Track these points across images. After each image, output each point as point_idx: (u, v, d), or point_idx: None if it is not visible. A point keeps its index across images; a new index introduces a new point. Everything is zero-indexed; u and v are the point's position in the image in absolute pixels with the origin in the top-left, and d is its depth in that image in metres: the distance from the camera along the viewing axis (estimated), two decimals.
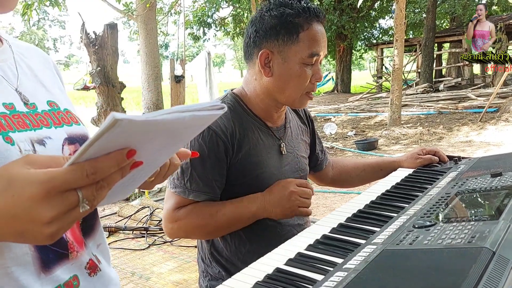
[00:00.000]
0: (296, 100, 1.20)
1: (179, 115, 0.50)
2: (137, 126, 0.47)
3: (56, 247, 0.71)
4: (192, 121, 0.54)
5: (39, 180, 0.47)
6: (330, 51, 20.34)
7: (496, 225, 0.77)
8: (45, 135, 0.73)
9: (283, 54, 1.15)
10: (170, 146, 0.60)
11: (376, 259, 0.75)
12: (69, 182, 0.48)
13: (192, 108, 0.52)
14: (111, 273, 0.83)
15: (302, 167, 1.34)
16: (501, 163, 1.24)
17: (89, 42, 6.24)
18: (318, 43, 1.15)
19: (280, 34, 1.14)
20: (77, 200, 0.49)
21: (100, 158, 0.48)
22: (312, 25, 1.14)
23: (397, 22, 7.76)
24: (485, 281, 0.60)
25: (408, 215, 0.97)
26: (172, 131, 0.55)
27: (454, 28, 15.44)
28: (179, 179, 1.17)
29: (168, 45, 29.56)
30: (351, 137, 7.65)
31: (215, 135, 1.15)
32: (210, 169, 1.15)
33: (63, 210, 0.48)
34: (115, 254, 3.21)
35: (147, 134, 0.51)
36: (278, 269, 0.81)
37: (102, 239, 0.84)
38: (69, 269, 0.73)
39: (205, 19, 17.40)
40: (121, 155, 0.49)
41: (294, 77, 1.16)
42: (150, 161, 0.58)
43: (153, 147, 0.55)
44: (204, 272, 1.31)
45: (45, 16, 37.23)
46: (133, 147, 0.51)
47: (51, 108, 0.78)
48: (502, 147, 5.88)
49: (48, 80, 0.83)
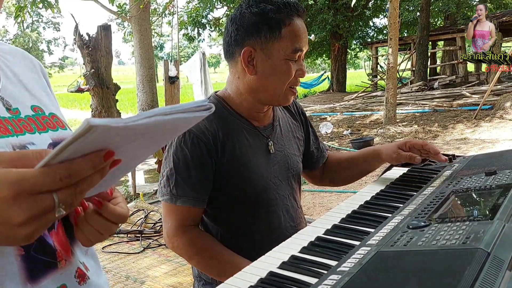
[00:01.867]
0: (280, 97, 1.19)
1: (161, 118, 0.48)
2: (114, 131, 0.45)
3: (45, 256, 0.69)
4: (175, 123, 0.52)
5: (8, 180, 0.45)
6: (325, 50, 20.39)
7: (490, 225, 0.76)
8: (28, 141, 0.71)
9: (266, 51, 1.13)
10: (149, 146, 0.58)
11: (370, 261, 0.74)
12: (41, 185, 0.45)
13: (176, 109, 0.49)
14: (100, 280, 0.82)
15: (293, 165, 1.31)
16: (496, 162, 1.23)
17: (83, 44, 6.22)
18: (301, 38, 1.15)
19: (262, 31, 1.12)
20: (53, 203, 0.46)
21: (75, 160, 0.46)
22: (293, 20, 1.13)
23: (391, 21, 7.77)
24: (480, 282, 0.59)
25: (403, 215, 0.96)
26: (154, 133, 0.52)
27: (448, 26, 15.49)
28: (165, 187, 1.16)
29: (163, 46, 29.50)
30: (347, 136, 7.65)
31: (196, 139, 1.13)
32: (194, 172, 1.14)
33: (37, 213, 0.46)
34: (109, 258, 3.19)
35: (126, 137, 0.48)
36: (271, 272, 0.80)
37: None
38: (57, 279, 0.71)
39: (200, 20, 17.35)
40: (98, 157, 0.47)
41: (278, 74, 1.15)
42: (130, 158, 0.56)
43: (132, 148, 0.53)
44: (198, 277, 1.30)
45: (39, 18, 37.06)
46: (111, 148, 0.48)
47: (35, 113, 0.76)
48: (497, 144, 5.90)
49: (33, 84, 0.81)
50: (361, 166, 1.45)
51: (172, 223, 1.18)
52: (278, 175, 1.25)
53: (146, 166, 6.93)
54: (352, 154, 1.48)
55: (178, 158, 1.15)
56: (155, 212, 3.88)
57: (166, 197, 1.15)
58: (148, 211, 3.90)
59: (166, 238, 1.22)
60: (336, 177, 1.51)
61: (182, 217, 1.17)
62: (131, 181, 5.08)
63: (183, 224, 1.17)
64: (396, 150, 1.33)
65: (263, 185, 1.21)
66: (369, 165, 1.44)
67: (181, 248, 1.18)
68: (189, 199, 1.14)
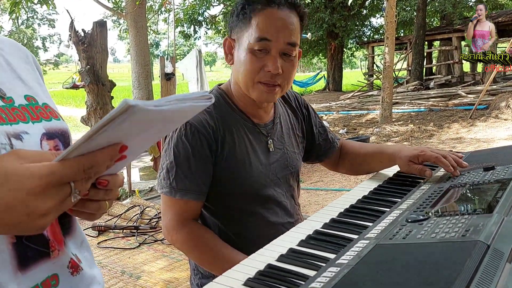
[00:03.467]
0: (250, 89, 1.14)
1: (180, 105, 0.51)
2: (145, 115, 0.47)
3: (36, 245, 0.69)
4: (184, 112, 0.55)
5: (39, 174, 0.48)
6: (321, 49, 20.39)
7: (490, 219, 0.76)
8: (21, 130, 0.70)
9: (239, 40, 1.13)
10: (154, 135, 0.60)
11: (369, 254, 0.74)
12: (68, 176, 0.49)
13: (188, 97, 0.52)
14: (94, 272, 0.81)
15: (292, 163, 1.30)
16: (493, 157, 1.24)
17: (78, 40, 6.18)
18: (270, 27, 1.08)
19: (239, 21, 1.12)
20: (70, 191, 0.50)
21: (95, 152, 0.50)
22: (266, 9, 1.09)
23: (388, 20, 7.78)
24: (480, 274, 0.59)
25: (401, 209, 0.96)
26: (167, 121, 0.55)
27: (444, 26, 15.54)
28: (165, 179, 1.15)
29: (159, 44, 29.40)
30: (343, 135, 7.66)
31: (197, 132, 1.12)
32: (195, 166, 1.13)
33: (58, 202, 0.50)
34: (105, 254, 3.18)
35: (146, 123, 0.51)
36: (269, 265, 0.79)
37: (82, 236, 0.82)
38: (49, 268, 0.70)
39: (196, 17, 17.30)
40: (115, 150, 0.51)
41: (243, 64, 1.12)
42: (132, 152, 0.58)
43: (141, 139, 0.55)
44: (195, 270, 1.29)
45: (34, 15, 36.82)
46: (124, 141, 0.52)
47: (28, 103, 0.75)
48: (492, 143, 5.92)
49: (26, 75, 0.80)
50: (374, 164, 1.40)
51: (171, 216, 1.16)
52: (277, 173, 1.25)
53: (142, 163, 6.90)
54: (369, 151, 1.42)
55: (178, 151, 1.14)
56: (150, 208, 3.87)
57: (165, 190, 1.15)
58: (144, 207, 3.89)
59: (165, 232, 1.21)
60: (351, 168, 1.49)
61: (181, 211, 1.16)
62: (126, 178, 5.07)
63: (182, 218, 1.16)
64: (407, 164, 1.25)
65: (261, 183, 1.20)
66: (383, 166, 1.39)
67: (180, 242, 1.17)
68: (188, 192, 1.14)
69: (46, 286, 0.69)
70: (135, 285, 2.70)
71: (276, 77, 1.11)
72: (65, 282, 0.73)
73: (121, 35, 21.09)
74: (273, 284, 0.72)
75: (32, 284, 0.68)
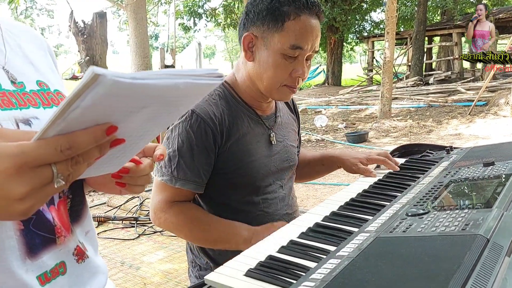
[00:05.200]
0: (273, 91, 1.16)
1: (172, 81, 0.44)
2: (121, 88, 0.41)
3: (43, 231, 0.69)
4: (186, 89, 0.47)
5: (10, 153, 0.44)
6: (321, 43, 20.24)
7: (489, 213, 0.77)
8: (32, 115, 0.71)
9: (266, 40, 1.12)
10: (158, 119, 0.53)
11: (369, 247, 0.74)
12: (42, 157, 0.44)
13: (185, 73, 0.45)
14: (98, 261, 0.82)
15: (291, 156, 1.32)
16: (493, 153, 1.24)
17: (78, 31, 6.16)
18: (304, 36, 1.10)
19: (266, 20, 1.11)
20: (51, 175, 0.45)
21: (76, 132, 0.45)
22: (300, 16, 1.09)
23: (389, 15, 7.75)
24: (479, 268, 0.60)
25: (401, 203, 0.97)
26: (162, 100, 0.48)
27: (445, 22, 15.48)
28: (166, 167, 1.15)
29: (158, 36, 29.28)
30: (342, 130, 7.66)
31: (203, 123, 1.13)
32: (197, 157, 1.14)
33: (36, 186, 0.45)
34: (104, 244, 3.19)
35: (132, 101, 0.45)
36: (270, 256, 0.80)
37: (90, 226, 0.83)
38: (56, 255, 0.71)
39: (196, 10, 17.22)
40: (100, 131, 0.46)
41: (271, 67, 1.12)
42: (135, 138, 0.54)
43: (138, 122, 0.50)
44: (193, 263, 1.30)
45: (33, 5, 36.57)
46: (114, 122, 0.46)
47: (40, 88, 0.75)
48: (491, 140, 5.94)
49: (39, 60, 0.80)
50: (318, 168, 1.48)
51: (161, 198, 1.17)
52: (278, 165, 1.26)
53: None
54: (312, 157, 1.50)
55: (182, 141, 1.14)
56: (150, 200, 3.88)
57: (165, 178, 1.14)
58: (143, 198, 3.90)
59: (152, 215, 1.20)
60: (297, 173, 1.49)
61: (174, 196, 1.17)
62: None
63: (173, 200, 1.17)
64: (357, 164, 1.36)
65: (263, 173, 1.22)
66: (327, 169, 1.48)
67: (169, 221, 1.16)
68: (189, 183, 1.14)
69: (54, 274, 0.70)
70: (134, 276, 2.72)
71: (299, 80, 1.15)
72: (72, 269, 0.74)
73: (121, 26, 20.99)
74: (274, 275, 0.73)
75: (41, 271, 0.69)
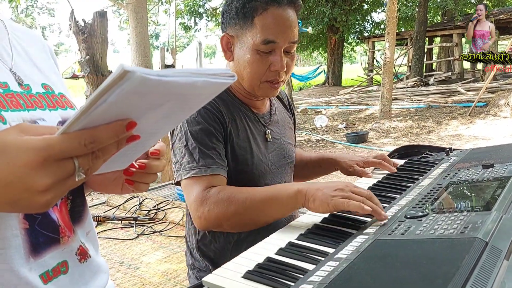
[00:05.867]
0: (255, 88, 1.16)
1: (192, 79, 0.46)
2: (148, 85, 0.43)
3: (48, 231, 0.71)
4: (203, 88, 0.49)
5: (36, 147, 0.45)
6: (321, 43, 20.32)
7: (488, 216, 0.76)
8: (38, 116, 0.72)
9: (241, 39, 1.12)
10: (172, 116, 0.55)
11: (368, 249, 0.74)
12: (66, 150, 0.46)
13: (204, 72, 0.47)
14: (100, 261, 0.83)
15: (288, 153, 1.32)
16: (493, 155, 1.24)
17: (78, 30, 6.15)
18: (275, 29, 1.08)
19: (237, 18, 1.11)
20: (73, 168, 0.47)
21: (99, 127, 0.47)
22: (268, 9, 1.08)
23: (389, 15, 7.75)
24: (478, 271, 0.60)
25: (400, 205, 0.97)
26: (180, 98, 0.50)
27: (445, 23, 15.48)
28: (189, 162, 1.09)
29: (159, 35, 29.28)
30: (342, 130, 7.66)
31: (212, 114, 1.13)
32: (216, 143, 1.11)
33: (59, 178, 0.47)
34: (103, 244, 3.19)
35: (154, 98, 0.47)
36: (269, 258, 0.80)
37: (90, 227, 0.83)
38: (59, 254, 0.72)
39: (197, 9, 17.22)
40: (121, 126, 0.48)
41: (248, 64, 1.12)
42: (148, 135, 0.55)
43: (154, 118, 0.51)
44: (192, 266, 1.30)
45: (34, 3, 36.55)
46: (133, 118, 0.48)
47: (45, 91, 0.77)
48: (491, 141, 5.94)
49: (43, 64, 0.82)
50: (316, 169, 1.49)
51: (197, 192, 1.06)
52: (275, 162, 1.26)
53: None
54: (309, 158, 1.49)
55: (196, 132, 1.10)
56: (149, 200, 3.88)
57: (194, 171, 1.07)
58: (143, 198, 3.90)
59: (196, 219, 1.07)
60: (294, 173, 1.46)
61: (208, 184, 1.07)
62: None
63: (207, 189, 1.06)
64: (353, 165, 1.37)
65: (261, 171, 1.21)
66: (324, 170, 1.48)
67: (213, 205, 1.04)
68: (218, 167, 1.09)
69: (56, 273, 0.71)
70: (133, 276, 2.71)
71: (280, 73, 1.13)
72: (74, 268, 0.75)
73: (121, 25, 20.99)
74: (272, 277, 0.72)
75: (43, 270, 0.69)
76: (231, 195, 1.03)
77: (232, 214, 1.03)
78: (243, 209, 1.02)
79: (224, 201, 1.03)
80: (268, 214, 1.03)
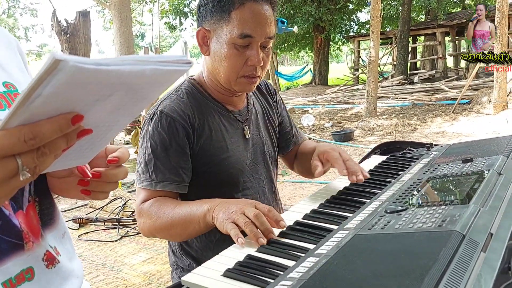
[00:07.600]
0: (232, 83, 1.15)
1: (138, 68, 0.43)
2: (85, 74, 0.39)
3: (10, 237, 0.66)
4: (154, 76, 0.46)
5: None
6: (308, 43, 20.39)
7: (466, 209, 0.77)
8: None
9: (217, 33, 1.12)
10: (125, 107, 0.51)
11: (347, 244, 0.74)
12: (5, 147, 0.43)
13: (153, 59, 0.44)
14: (73, 265, 0.79)
15: (269, 148, 1.31)
16: (472, 150, 1.25)
17: (61, 30, 6.07)
18: (252, 24, 1.08)
19: (214, 12, 1.11)
20: (16, 167, 0.44)
21: (40, 122, 0.43)
22: (245, 4, 1.08)
23: (373, 14, 7.82)
24: (455, 263, 0.60)
25: (381, 200, 0.97)
26: (128, 88, 0.46)
27: (429, 22, 15.66)
28: (144, 173, 1.12)
29: (144, 35, 29.06)
30: (328, 129, 7.70)
31: (173, 121, 1.11)
32: (174, 156, 1.12)
33: (1, 178, 0.44)
34: (86, 246, 3.15)
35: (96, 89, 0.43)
36: (249, 256, 0.79)
37: (64, 228, 0.80)
38: (23, 261, 0.68)
39: (182, 8, 17.14)
40: (65, 119, 0.44)
41: (225, 59, 1.11)
42: (103, 129, 0.52)
43: (104, 111, 0.48)
44: (175, 265, 1.29)
45: (16, 4, 35.98)
46: (79, 111, 0.45)
47: (7, 90, 0.72)
48: (473, 137, 6.02)
49: (7, 61, 0.77)
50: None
51: (138, 202, 1.12)
52: (254, 159, 1.25)
53: None
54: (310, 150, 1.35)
55: (155, 143, 1.12)
56: (133, 201, 3.84)
57: (145, 183, 1.12)
58: (126, 199, 3.86)
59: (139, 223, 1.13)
60: (300, 167, 1.43)
61: (151, 197, 1.11)
62: None
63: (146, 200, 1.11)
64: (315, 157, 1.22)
65: (239, 168, 1.21)
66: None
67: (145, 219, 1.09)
68: (169, 183, 1.11)
69: (20, 280, 0.67)
70: (116, 278, 2.68)
71: (257, 68, 1.13)
72: (40, 275, 0.70)
73: (105, 25, 20.79)
74: (252, 275, 0.72)
75: (5, 278, 0.65)
76: (158, 210, 1.07)
77: (160, 228, 1.07)
78: (169, 225, 1.06)
79: (152, 215, 1.08)
80: (187, 232, 1.05)
